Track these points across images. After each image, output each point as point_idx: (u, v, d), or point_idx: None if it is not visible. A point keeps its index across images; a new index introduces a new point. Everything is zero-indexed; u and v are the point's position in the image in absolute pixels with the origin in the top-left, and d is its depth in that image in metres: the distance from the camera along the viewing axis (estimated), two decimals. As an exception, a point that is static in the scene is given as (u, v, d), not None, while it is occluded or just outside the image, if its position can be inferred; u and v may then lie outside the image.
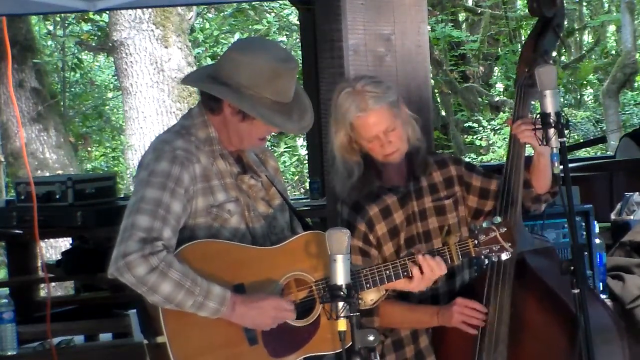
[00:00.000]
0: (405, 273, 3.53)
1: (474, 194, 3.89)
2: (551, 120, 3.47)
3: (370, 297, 3.59)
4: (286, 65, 3.50)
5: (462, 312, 3.73)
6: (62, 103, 15.37)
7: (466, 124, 17.06)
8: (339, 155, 3.81)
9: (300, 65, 8.35)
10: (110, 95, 18.24)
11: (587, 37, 19.37)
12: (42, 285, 8.64)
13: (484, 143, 16.57)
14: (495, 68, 18.34)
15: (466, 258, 3.60)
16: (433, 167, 3.90)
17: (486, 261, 3.56)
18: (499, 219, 3.55)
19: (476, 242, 3.52)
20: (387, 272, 3.53)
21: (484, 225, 3.53)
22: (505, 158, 3.86)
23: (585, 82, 18.01)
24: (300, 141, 15.91)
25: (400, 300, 3.78)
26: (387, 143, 3.74)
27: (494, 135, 16.51)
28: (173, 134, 3.55)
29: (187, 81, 3.89)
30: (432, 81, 15.78)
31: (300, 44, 10.05)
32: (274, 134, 3.71)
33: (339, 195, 3.86)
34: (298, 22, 11.50)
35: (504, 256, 3.54)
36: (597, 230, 4.83)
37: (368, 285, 3.52)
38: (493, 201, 3.86)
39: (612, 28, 18.59)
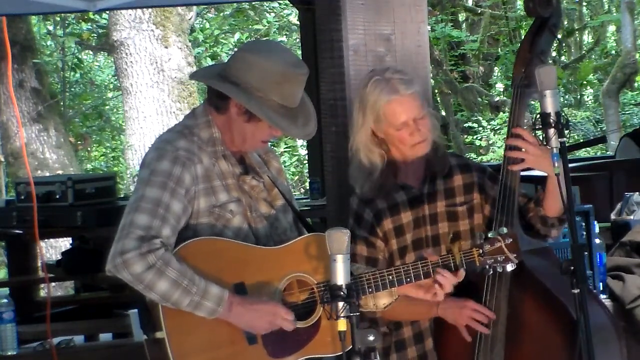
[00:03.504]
0: (409, 279, 3.53)
1: (491, 205, 3.88)
2: (551, 120, 3.47)
3: (382, 301, 3.60)
4: (297, 70, 3.50)
5: (472, 316, 3.73)
6: (62, 103, 15.37)
7: (466, 124, 17.06)
8: (361, 151, 3.80)
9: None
10: (110, 95, 18.24)
11: (587, 37, 19.37)
12: (42, 285, 8.64)
13: (483, 143, 16.58)
14: (495, 68, 18.34)
15: (470, 267, 3.59)
16: (455, 170, 3.89)
17: (490, 271, 3.55)
18: (504, 230, 3.54)
19: (481, 251, 3.52)
20: (390, 277, 3.53)
21: (490, 235, 3.53)
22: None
23: (585, 82, 18.00)
24: (300, 141, 15.91)
25: None
26: (417, 131, 3.75)
27: (494, 135, 16.51)
28: (176, 133, 3.55)
29: (197, 77, 3.92)
30: (432, 81, 15.78)
31: (300, 44, 10.05)
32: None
33: (354, 190, 3.85)
34: (298, 22, 11.51)
35: (509, 267, 3.53)
36: (597, 230, 4.83)
37: (370, 290, 3.52)
38: None
39: (612, 28, 18.59)
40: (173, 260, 3.34)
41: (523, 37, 3.90)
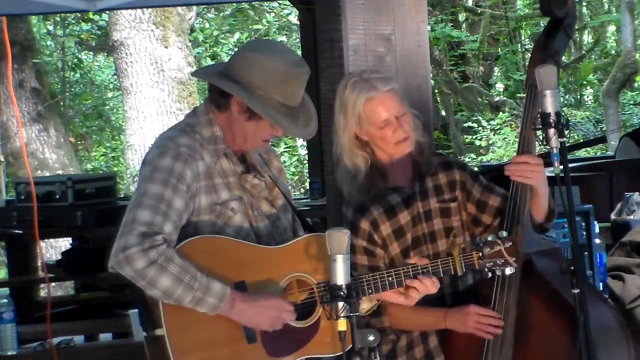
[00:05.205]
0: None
1: (472, 203, 3.89)
2: (551, 120, 3.47)
3: (362, 306, 3.59)
4: (298, 69, 3.51)
5: (478, 321, 3.73)
6: (62, 103, 15.37)
7: (466, 124, 17.06)
8: (344, 155, 3.80)
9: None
10: (110, 95, 18.24)
11: (587, 37, 19.37)
12: (42, 285, 8.64)
13: (483, 143, 16.58)
14: (495, 68, 18.35)
15: (470, 270, 3.60)
16: (438, 168, 3.90)
17: (489, 274, 3.56)
18: (504, 233, 3.55)
19: (481, 254, 3.53)
20: (390, 278, 3.54)
21: (490, 238, 3.54)
22: (506, 163, 3.85)
23: (585, 82, 18.01)
24: (300, 141, 15.92)
25: None
26: (400, 128, 3.75)
27: (494, 135, 16.51)
28: (177, 131, 3.56)
29: (199, 75, 3.95)
30: (432, 81, 15.78)
31: (300, 44, 10.05)
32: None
33: (345, 197, 3.85)
34: (298, 22, 11.51)
35: (508, 271, 3.54)
36: (597, 230, 4.83)
37: (370, 291, 3.52)
38: (489, 216, 3.86)
39: (612, 28, 18.59)
40: (175, 256, 3.34)
41: (537, 37, 3.90)
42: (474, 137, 16.75)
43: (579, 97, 18.57)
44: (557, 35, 3.88)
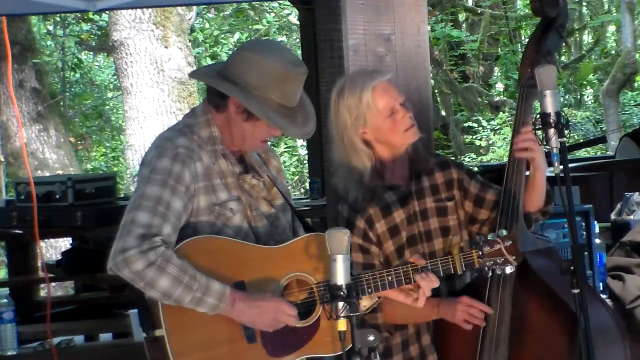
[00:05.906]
0: (408, 280, 3.54)
1: (470, 200, 3.90)
2: (551, 120, 3.47)
3: (363, 303, 3.59)
4: (296, 69, 3.51)
5: (466, 311, 3.74)
6: (62, 103, 15.37)
7: (466, 124, 17.07)
8: (350, 155, 3.80)
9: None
10: (110, 95, 18.25)
11: (587, 37, 19.38)
12: (42, 285, 8.64)
13: (483, 143, 16.58)
14: (495, 68, 18.35)
15: (470, 269, 3.61)
16: (435, 168, 3.91)
17: (490, 273, 3.56)
18: (504, 232, 3.56)
19: (480, 253, 3.53)
20: (390, 277, 3.54)
21: (489, 237, 3.54)
22: (506, 163, 3.85)
23: (585, 82, 18.01)
24: (300, 141, 15.92)
25: None
26: (407, 113, 3.77)
27: (494, 135, 16.52)
28: (176, 132, 3.56)
29: (196, 75, 3.98)
30: (432, 81, 15.78)
31: (300, 44, 10.05)
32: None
33: (342, 195, 3.86)
34: (298, 22, 11.51)
35: (508, 269, 3.55)
36: (597, 230, 4.83)
37: (370, 290, 3.52)
38: (487, 210, 3.87)
39: (612, 28, 18.59)
40: (174, 257, 3.34)
41: (526, 36, 3.90)
42: (474, 137, 16.76)
43: (579, 97, 18.57)
44: (549, 36, 3.88)
